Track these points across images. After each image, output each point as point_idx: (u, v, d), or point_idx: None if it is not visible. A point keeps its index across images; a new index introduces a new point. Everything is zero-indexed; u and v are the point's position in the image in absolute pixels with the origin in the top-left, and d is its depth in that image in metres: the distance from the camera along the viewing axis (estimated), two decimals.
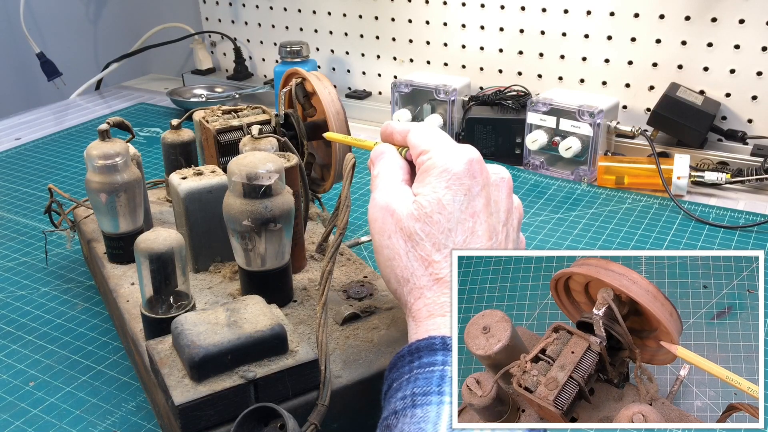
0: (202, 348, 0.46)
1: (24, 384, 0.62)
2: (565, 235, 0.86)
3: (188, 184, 0.63)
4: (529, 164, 1.05)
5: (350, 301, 0.61)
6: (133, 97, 1.47)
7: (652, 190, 0.96)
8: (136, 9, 1.63)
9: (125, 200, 0.65)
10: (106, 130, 0.65)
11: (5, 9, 1.49)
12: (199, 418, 0.45)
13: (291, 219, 0.57)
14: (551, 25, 1.13)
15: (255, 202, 0.54)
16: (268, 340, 0.48)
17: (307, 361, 0.48)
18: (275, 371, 0.47)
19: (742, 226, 0.86)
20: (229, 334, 0.47)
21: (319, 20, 1.36)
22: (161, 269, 0.53)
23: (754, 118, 1.03)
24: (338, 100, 0.70)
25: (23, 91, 1.57)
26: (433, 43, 1.25)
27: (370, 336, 0.57)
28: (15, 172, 1.09)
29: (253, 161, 0.55)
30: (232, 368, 0.47)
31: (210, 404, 0.45)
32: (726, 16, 1.00)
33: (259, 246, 0.56)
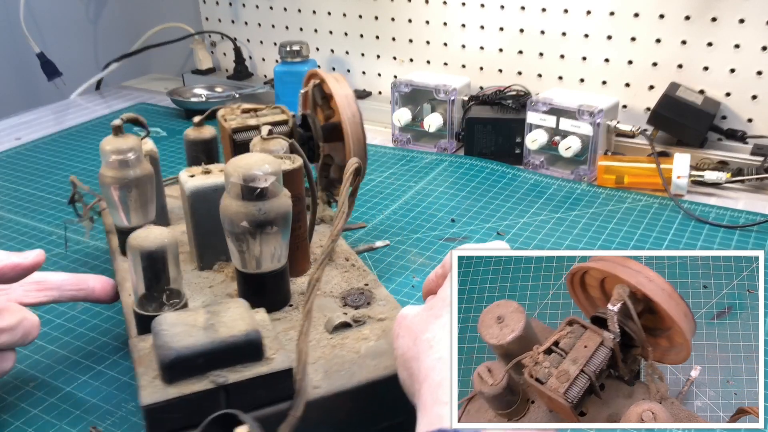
0: (174, 350, 0.45)
1: (24, 384, 0.62)
2: (565, 234, 0.86)
3: (194, 182, 0.63)
4: (529, 164, 1.05)
5: (346, 309, 0.60)
6: (133, 97, 1.47)
7: (652, 189, 0.96)
8: (136, 9, 1.63)
9: (136, 195, 0.66)
10: (119, 126, 0.65)
11: (5, 9, 1.49)
12: (166, 420, 0.44)
13: (288, 222, 0.56)
14: (551, 25, 1.13)
15: (250, 204, 0.54)
16: (242, 345, 0.47)
17: (281, 369, 0.47)
18: (248, 378, 0.46)
19: (742, 226, 0.86)
20: (203, 337, 0.46)
21: (319, 20, 1.36)
22: (152, 267, 0.53)
23: (754, 118, 1.03)
24: (355, 102, 0.70)
25: (23, 91, 1.57)
26: (433, 43, 1.25)
27: (357, 346, 0.55)
28: (15, 172, 1.09)
29: (250, 163, 0.54)
30: (204, 372, 0.46)
31: (178, 407, 0.44)
32: (726, 15, 1.00)
33: (254, 248, 0.55)
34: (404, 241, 0.85)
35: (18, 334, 0.56)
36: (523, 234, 0.86)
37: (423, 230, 0.88)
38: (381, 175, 1.04)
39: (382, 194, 0.98)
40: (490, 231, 0.87)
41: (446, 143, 1.13)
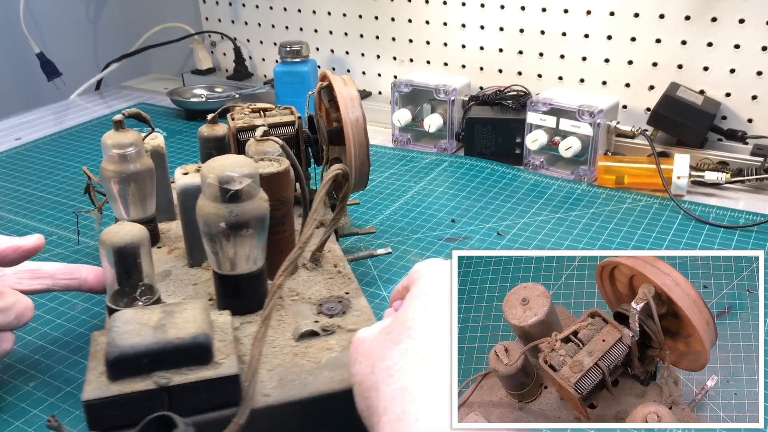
0: (118, 348, 0.45)
1: (24, 384, 0.62)
2: (565, 235, 0.86)
3: (185, 180, 0.63)
4: (529, 164, 1.05)
5: (319, 317, 0.58)
6: (133, 97, 1.47)
7: (652, 189, 0.96)
8: (136, 9, 1.63)
9: (135, 189, 0.66)
10: (120, 121, 0.66)
11: (5, 9, 1.49)
12: (108, 416, 0.44)
13: (263, 225, 0.56)
14: (551, 25, 1.13)
15: (224, 206, 0.53)
16: (188, 348, 0.46)
17: (227, 375, 0.46)
18: (191, 381, 0.45)
19: (742, 226, 0.86)
20: (150, 337, 0.46)
21: (319, 20, 1.36)
22: (123, 262, 0.54)
23: (754, 118, 1.03)
24: (359, 106, 0.70)
25: (23, 91, 1.57)
26: (433, 43, 1.25)
27: (320, 356, 0.53)
28: (15, 172, 1.09)
29: (225, 164, 0.54)
30: (149, 372, 0.46)
31: (118, 405, 0.44)
32: (726, 15, 1.00)
33: (228, 250, 0.55)
34: (404, 242, 0.85)
35: (11, 315, 0.57)
36: (523, 234, 0.86)
37: (423, 230, 0.88)
38: (381, 176, 1.04)
39: (382, 194, 0.98)
40: (490, 231, 0.87)
41: (446, 143, 1.13)
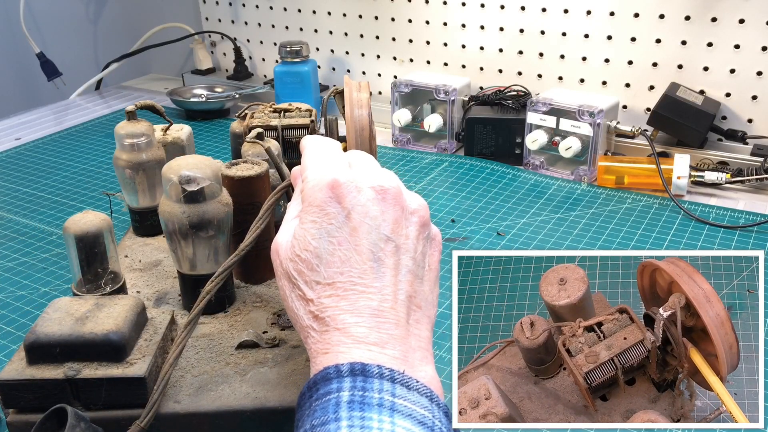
0: (35, 334, 0.47)
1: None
2: (565, 235, 0.86)
3: None
4: (529, 164, 1.05)
5: (273, 327, 0.56)
6: (133, 97, 1.47)
7: (652, 190, 0.96)
8: (136, 9, 1.63)
9: (143, 177, 0.69)
10: (132, 111, 0.68)
11: (5, 9, 1.49)
12: (19, 398, 0.47)
13: (223, 227, 0.55)
14: (551, 25, 1.13)
15: (181, 206, 0.54)
16: (99, 344, 0.47)
17: (133, 376, 0.47)
18: (97, 377, 0.47)
19: (742, 226, 0.86)
20: (68, 328, 0.47)
21: (319, 20, 1.36)
22: (85, 250, 0.55)
23: (754, 118, 1.03)
24: (368, 116, 0.70)
25: (23, 91, 1.57)
26: (433, 43, 1.25)
27: (248, 369, 0.52)
28: (15, 172, 1.09)
29: (182, 165, 0.54)
30: (63, 362, 0.47)
31: (29, 388, 0.46)
32: (726, 16, 1.00)
33: (186, 250, 0.55)
34: None
35: None
36: (523, 234, 0.86)
37: None
38: None
39: None
40: (491, 231, 0.87)
41: (446, 143, 1.13)
